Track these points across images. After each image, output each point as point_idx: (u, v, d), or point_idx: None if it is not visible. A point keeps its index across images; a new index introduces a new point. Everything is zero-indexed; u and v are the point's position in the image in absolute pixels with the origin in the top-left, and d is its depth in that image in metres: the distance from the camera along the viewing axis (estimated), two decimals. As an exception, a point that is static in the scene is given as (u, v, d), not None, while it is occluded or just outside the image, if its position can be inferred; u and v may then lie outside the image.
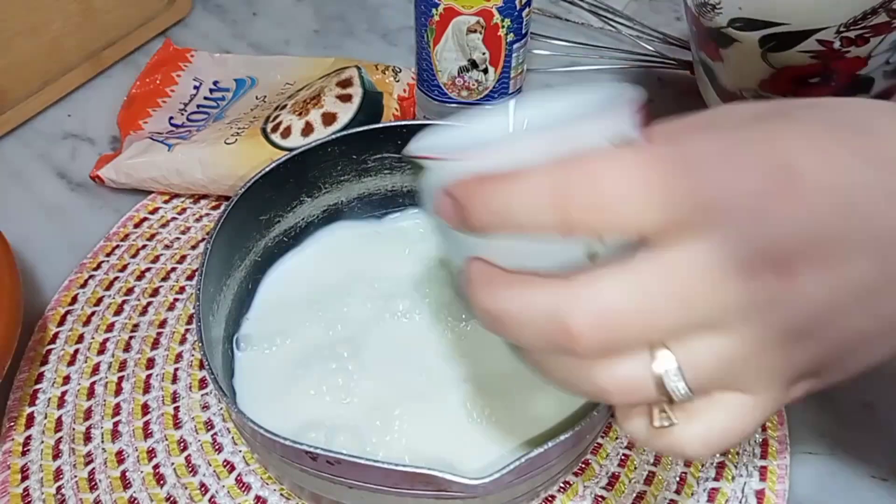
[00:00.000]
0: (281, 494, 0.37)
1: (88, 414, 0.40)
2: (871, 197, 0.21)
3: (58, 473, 0.38)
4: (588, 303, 0.21)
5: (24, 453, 0.39)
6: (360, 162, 0.44)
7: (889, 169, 0.21)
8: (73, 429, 0.40)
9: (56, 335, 0.44)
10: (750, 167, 0.20)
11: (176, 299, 0.46)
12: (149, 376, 0.42)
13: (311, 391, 0.38)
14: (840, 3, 0.40)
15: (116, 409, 0.41)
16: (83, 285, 0.46)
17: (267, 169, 0.40)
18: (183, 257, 0.48)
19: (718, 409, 0.22)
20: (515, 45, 0.47)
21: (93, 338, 0.44)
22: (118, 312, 0.45)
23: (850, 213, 0.21)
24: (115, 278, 0.47)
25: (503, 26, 0.45)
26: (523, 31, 0.47)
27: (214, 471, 0.38)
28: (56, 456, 0.39)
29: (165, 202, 0.51)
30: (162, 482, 0.38)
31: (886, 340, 0.22)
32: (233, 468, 0.38)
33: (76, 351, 0.43)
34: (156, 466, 0.38)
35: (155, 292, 0.46)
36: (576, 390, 0.23)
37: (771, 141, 0.21)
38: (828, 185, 0.20)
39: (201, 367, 0.42)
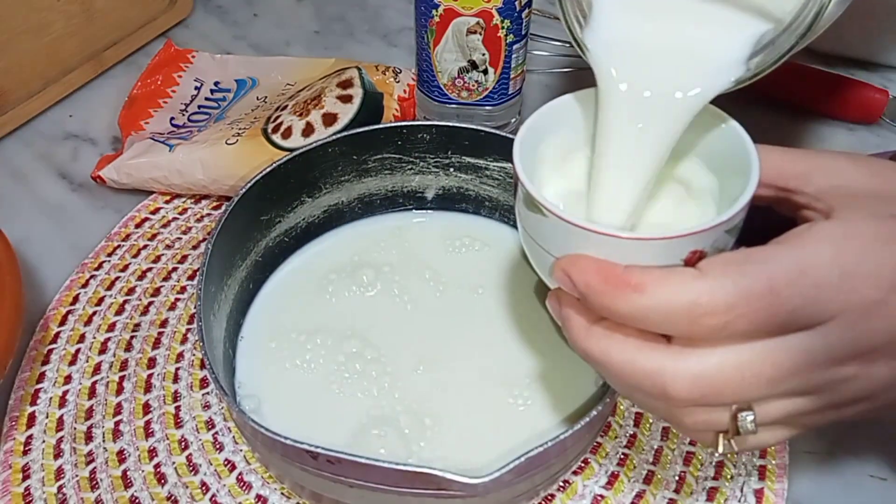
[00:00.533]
0: (282, 493, 0.37)
1: (90, 413, 0.41)
2: None
3: (59, 473, 0.38)
4: (688, 369, 0.24)
5: (25, 452, 0.39)
6: (361, 162, 0.44)
7: None
8: (75, 428, 0.40)
9: (57, 335, 0.44)
10: (875, 275, 0.24)
11: (177, 299, 0.46)
12: (150, 376, 0.42)
13: (310, 391, 0.38)
14: None
15: (118, 409, 0.41)
16: (84, 285, 0.46)
17: (268, 169, 0.40)
18: (184, 257, 0.48)
19: (768, 434, 0.26)
20: (515, 46, 0.47)
21: (94, 337, 0.44)
22: (119, 312, 0.45)
23: None
24: (117, 278, 0.47)
25: (503, 27, 0.45)
26: (523, 32, 0.47)
27: (215, 470, 0.38)
28: (57, 455, 0.39)
29: (166, 202, 0.51)
30: (163, 481, 0.38)
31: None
32: (234, 467, 0.38)
33: (77, 350, 0.43)
34: (157, 466, 0.38)
35: (156, 292, 0.46)
36: (651, 413, 0.28)
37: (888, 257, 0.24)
38: None
39: (202, 366, 0.42)
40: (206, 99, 0.57)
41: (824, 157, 0.28)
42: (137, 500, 0.37)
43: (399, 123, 0.43)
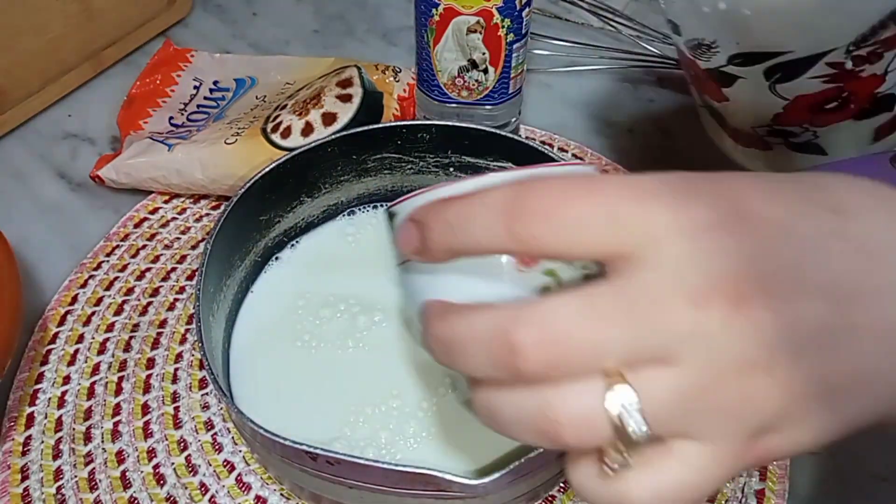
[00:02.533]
0: (281, 494, 0.37)
1: (88, 414, 0.40)
2: (825, 243, 0.21)
3: (58, 473, 0.38)
4: (533, 318, 0.20)
5: (24, 453, 0.39)
6: (360, 162, 0.44)
7: (844, 221, 0.21)
8: (74, 429, 0.40)
9: (56, 335, 0.44)
10: (703, 203, 0.20)
11: (176, 299, 0.46)
12: (149, 376, 0.42)
13: (311, 390, 0.38)
14: (844, 21, 0.37)
15: (116, 409, 0.41)
16: (83, 285, 0.46)
17: (267, 169, 0.40)
18: (183, 257, 0.48)
19: (675, 459, 0.21)
20: (515, 45, 0.47)
21: (93, 338, 0.44)
22: (118, 312, 0.45)
23: (802, 253, 0.20)
24: (116, 278, 0.47)
25: (503, 26, 0.45)
26: (523, 31, 0.46)
27: (214, 471, 0.38)
28: (56, 456, 0.39)
29: (165, 202, 0.51)
30: (162, 482, 0.38)
31: (854, 399, 0.21)
32: (233, 468, 0.38)
33: (76, 351, 0.43)
34: (156, 466, 0.38)
35: (155, 292, 0.46)
36: (527, 430, 0.21)
37: (727, 187, 0.21)
38: (778, 222, 0.21)
39: (201, 367, 0.42)
40: (205, 98, 0.57)
41: None
42: (136, 501, 0.37)
43: (399, 123, 0.43)
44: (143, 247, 0.49)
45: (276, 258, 0.44)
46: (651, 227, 0.20)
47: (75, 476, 0.38)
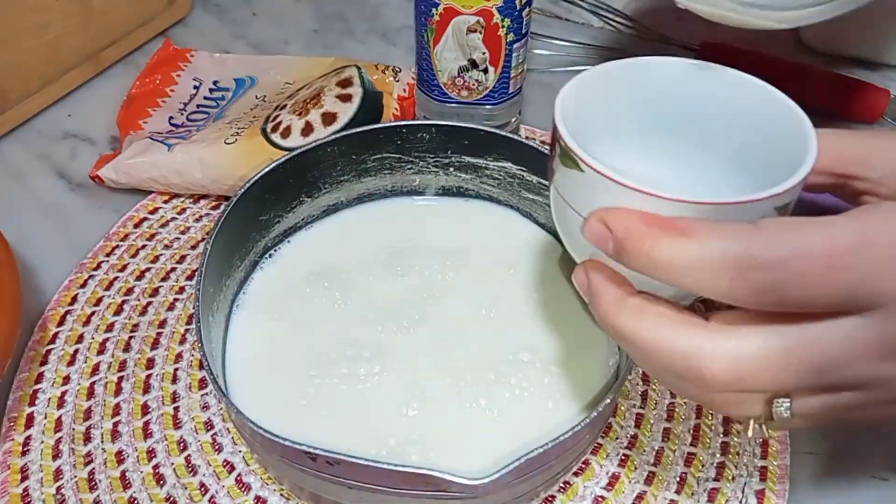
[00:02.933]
0: (281, 495, 0.37)
1: (88, 414, 0.40)
2: None
3: (57, 473, 0.38)
4: (727, 351, 0.22)
5: (23, 453, 0.39)
6: (360, 162, 0.44)
7: None
8: (73, 429, 0.40)
9: (56, 335, 0.44)
10: None
11: (176, 299, 0.46)
12: (148, 376, 0.42)
13: (310, 390, 0.38)
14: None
15: (116, 410, 0.41)
16: (83, 285, 0.46)
17: (267, 169, 0.40)
18: (183, 257, 0.48)
19: (801, 422, 0.24)
20: (515, 45, 0.47)
21: (93, 338, 0.44)
22: (118, 312, 0.45)
23: None
24: (115, 278, 0.47)
25: (503, 26, 0.45)
26: (523, 31, 0.46)
27: (214, 471, 0.38)
28: (56, 456, 0.39)
29: (165, 202, 0.51)
30: (162, 482, 0.38)
31: None
32: (233, 468, 0.38)
33: (76, 351, 0.43)
34: (156, 467, 0.38)
35: (155, 292, 0.46)
36: (680, 394, 0.26)
37: None
38: None
39: (201, 367, 0.42)
40: (205, 98, 0.57)
41: (884, 140, 0.26)
42: (136, 501, 0.37)
43: (398, 123, 0.43)
44: (143, 247, 0.48)
45: (270, 255, 0.44)
46: (868, 285, 0.21)
47: (75, 476, 0.38)
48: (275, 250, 0.44)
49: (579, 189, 0.26)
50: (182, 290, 0.46)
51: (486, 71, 0.48)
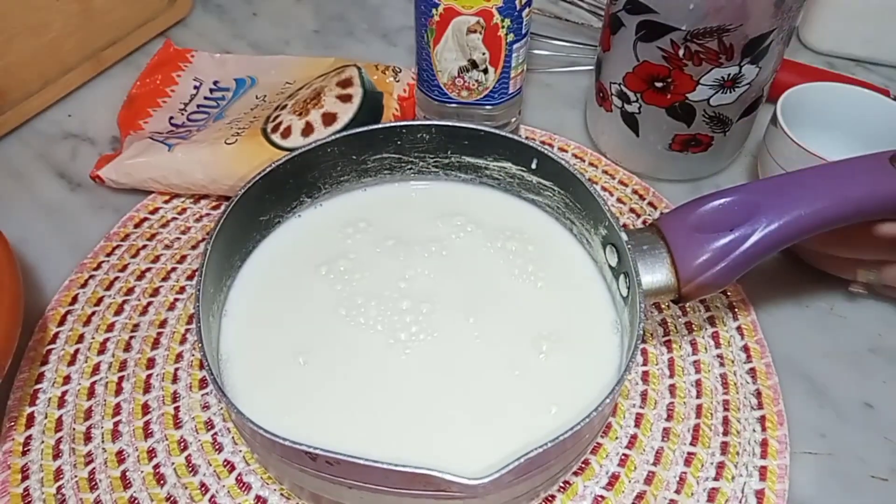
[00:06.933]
0: (281, 494, 0.37)
1: (89, 414, 0.40)
2: None
3: (58, 473, 0.38)
4: None
5: (24, 453, 0.39)
6: (360, 162, 0.44)
7: None
8: (74, 429, 0.40)
9: (56, 335, 0.44)
10: None
11: (176, 299, 0.46)
12: (149, 376, 0.42)
13: (311, 390, 0.38)
14: (691, 8, 0.42)
15: (117, 409, 0.41)
16: (83, 285, 0.46)
17: (267, 169, 0.40)
18: (183, 257, 0.48)
19: None
20: (515, 45, 0.47)
21: (93, 338, 0.44)
22: (118, 312, 0.45)
23: None
24: (116, 278, 0.47)
25: (503, 26, 0.45)
26: (523, 32, 0.47)
27: (215, 471, 0.38)
28: (56, 456, 0.39)
29: (165, 202, 0.51)
30: (162, 482, 0.38)
31: None
32: (233, 468, 0.38)
33: (76, 351, 0.43)
34: (156, 466, 0.38)
35: (155, 292, 0.46)
36: None
37: None
38: None
39: (201, 367, 0.42)
40: (206, 98, 0.57)
41: None
42: (136, 501, 0.37)
43: (399, 123, 0.43)
44: (144, 247, 0.49)
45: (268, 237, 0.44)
46: None
47: (75, 476, 0.38)
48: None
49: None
50: (182, 290, 0.46)
51: (486, 71, 0.48)
